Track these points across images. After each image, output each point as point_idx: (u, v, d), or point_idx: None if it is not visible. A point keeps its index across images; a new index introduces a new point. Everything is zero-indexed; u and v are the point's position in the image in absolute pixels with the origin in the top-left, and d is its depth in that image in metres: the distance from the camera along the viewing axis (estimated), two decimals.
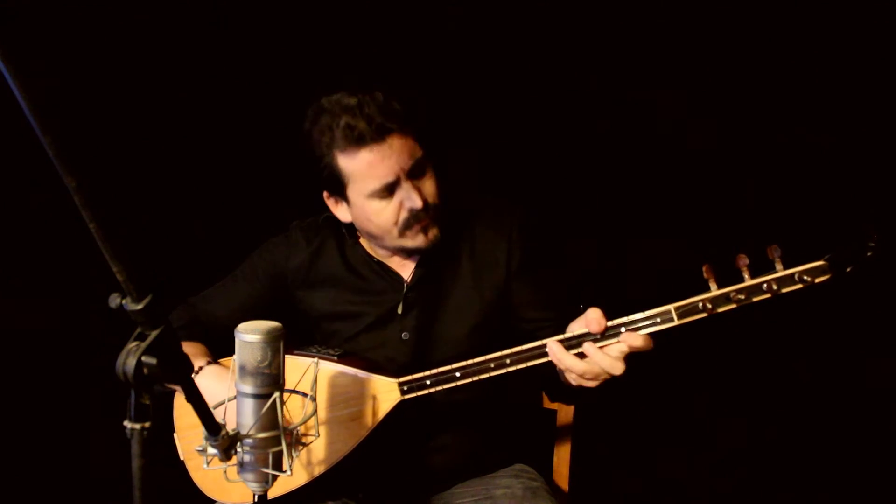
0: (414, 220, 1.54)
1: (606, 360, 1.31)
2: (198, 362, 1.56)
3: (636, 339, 1.30)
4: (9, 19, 2.03)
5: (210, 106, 2.28)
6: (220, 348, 1.64)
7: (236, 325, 1.15)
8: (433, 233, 1.57)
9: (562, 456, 1.84)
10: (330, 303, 1.68)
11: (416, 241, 1.57)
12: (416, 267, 1.66)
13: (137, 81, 2.24)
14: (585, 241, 2.42)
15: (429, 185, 1.56)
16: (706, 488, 2.42)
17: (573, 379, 1.37)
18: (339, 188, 1.56)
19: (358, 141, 1.47)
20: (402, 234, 1.56)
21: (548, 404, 1.86)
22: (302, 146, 1.57)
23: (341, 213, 1.64)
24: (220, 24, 2.26)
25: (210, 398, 1.09)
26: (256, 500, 1.19)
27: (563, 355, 1.34)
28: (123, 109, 2.24)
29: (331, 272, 1.69)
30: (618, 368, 1.30)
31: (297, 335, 1.65)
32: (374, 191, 1.51)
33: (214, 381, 1.52)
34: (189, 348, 1.59)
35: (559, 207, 2.39)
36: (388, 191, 1.52)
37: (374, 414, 1.50)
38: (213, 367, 1.57)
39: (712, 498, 2.41)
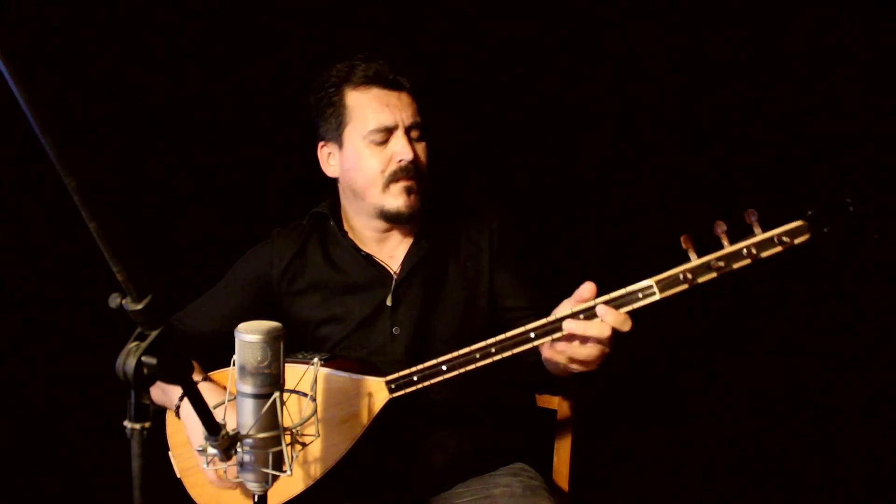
0: (401, 174, 1.59)
1: (619, 317, 1.26)
2: None
3: (612, 317, 1.27)
4: (9, 19, 2.03)
5: (211, 105, 2.28)
6: (209, 362, 1.61)
7: (223, 338, 1.14)
8: (414, 198, 1.61)
9: (562, 455, 1.84)
10: (317, 308, 1.68)
11: (397, 201, 1.60)
12: (404, 260, 1.67)
13: (137, 81, 2.23)
14: (563, 225, 2.41)
15: (421, 150, 1.64)
16: (706, 488, 2.42)
17: (571, 355, 1.32)
18: (337, 128, 1.63)
19: (374, 79, 1.60)
20: (385, 187, 1.60)
21: (545, 403, 1.86)
22: (310, 95, 1.67)
23: (332, 167, 1.69)
24: (221, 24, 2.26)
25: (193, 420, 1.08)
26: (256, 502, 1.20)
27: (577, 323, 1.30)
28: (123, 109, 2.23)
29: (315, 275, 1.69)
30: (627, 324, 1.26)
31: (289, 340, 1.64)
32: (372, 130, 1.59)
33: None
34: None
35: (535, 191, 2.39)
36: (384, 136, 1.59)
37: (365, 415, 1.48)
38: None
39: (712, 498, 2.41)
